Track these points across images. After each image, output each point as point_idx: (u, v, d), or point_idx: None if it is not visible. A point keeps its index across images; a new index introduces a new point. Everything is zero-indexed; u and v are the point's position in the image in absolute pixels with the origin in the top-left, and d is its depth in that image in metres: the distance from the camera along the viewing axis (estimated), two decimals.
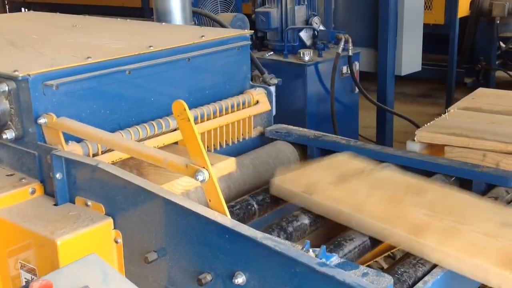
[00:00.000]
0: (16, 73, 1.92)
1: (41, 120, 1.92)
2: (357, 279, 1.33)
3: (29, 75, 1.91)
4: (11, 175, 2.04)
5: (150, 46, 2.25)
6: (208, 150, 2.37)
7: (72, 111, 2.01)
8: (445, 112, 2.89)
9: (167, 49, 2.29)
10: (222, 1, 4.98)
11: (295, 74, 4.43)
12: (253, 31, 2.79)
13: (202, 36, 2.45)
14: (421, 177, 2.10)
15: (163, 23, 3.23)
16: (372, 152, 2.34)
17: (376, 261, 2.56)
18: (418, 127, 4.58)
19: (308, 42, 4.64)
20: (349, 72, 4.60)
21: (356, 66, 4.65)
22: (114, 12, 8.32)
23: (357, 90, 4.76)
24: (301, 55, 4.44)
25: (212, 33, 2.55)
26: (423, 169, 2.21)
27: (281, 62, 4.55)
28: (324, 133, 2.55)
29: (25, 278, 1.86)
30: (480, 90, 3.11)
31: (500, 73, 7.23)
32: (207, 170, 1.55)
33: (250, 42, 2.61)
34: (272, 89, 2.64)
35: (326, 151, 2.46)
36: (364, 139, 5.16)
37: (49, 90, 1.95)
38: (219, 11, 4.83)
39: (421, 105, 7.29)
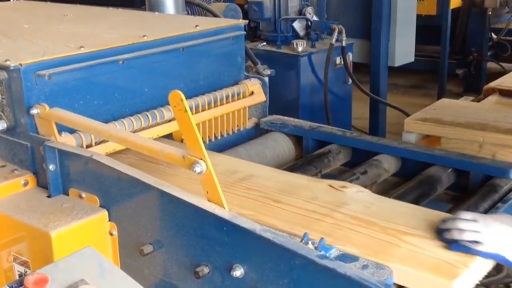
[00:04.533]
0: (8, 62, 1.88)
1: (34, 111, 1.89)
2: (358, 272, 1.32)
3: (21, 64, 1.87)
4: (3, 166, 2.01)
5: (143, 36, 2.22)
6: (203, 142, 2.34)
7: (65, 102, 1.98)
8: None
9: (161, 38, 2.26)
10: None
11: (288, 65, 4.40)
12: (247, 21, 2.75)
13: (196, 26, 2.42)
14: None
15: (156, 13, 3.19)
16: (369, 144, 2.33)
17: None
18: None
19: (301, 33, 4.61)
20: (342, 63, 4.57)
21: (350, 57, 4.63)
22: (103, 1, 8.22)
23: (350, 81, 4.74)
24: (295, 45, 4.40)
25: (206, 23, 2.52)
26: (420, 160, 2.19)
27: (274, 52, 4.52)
28: (320, 124, 2.53)
29: (18, 271, 1.83)
30: (442, 101, 3.02)
31: (491, 64, 7.23)
32: (204, 161, 1.52)
33: (244, 32, 2.58)
34: (265, 80, 2.62)
35: (321, 142, 2.44)
36: (356, 130, 5.15)
37: (41, 80, 1.91)
38: (212, 1, 4.78)
39: (413, 96, 7.28)
